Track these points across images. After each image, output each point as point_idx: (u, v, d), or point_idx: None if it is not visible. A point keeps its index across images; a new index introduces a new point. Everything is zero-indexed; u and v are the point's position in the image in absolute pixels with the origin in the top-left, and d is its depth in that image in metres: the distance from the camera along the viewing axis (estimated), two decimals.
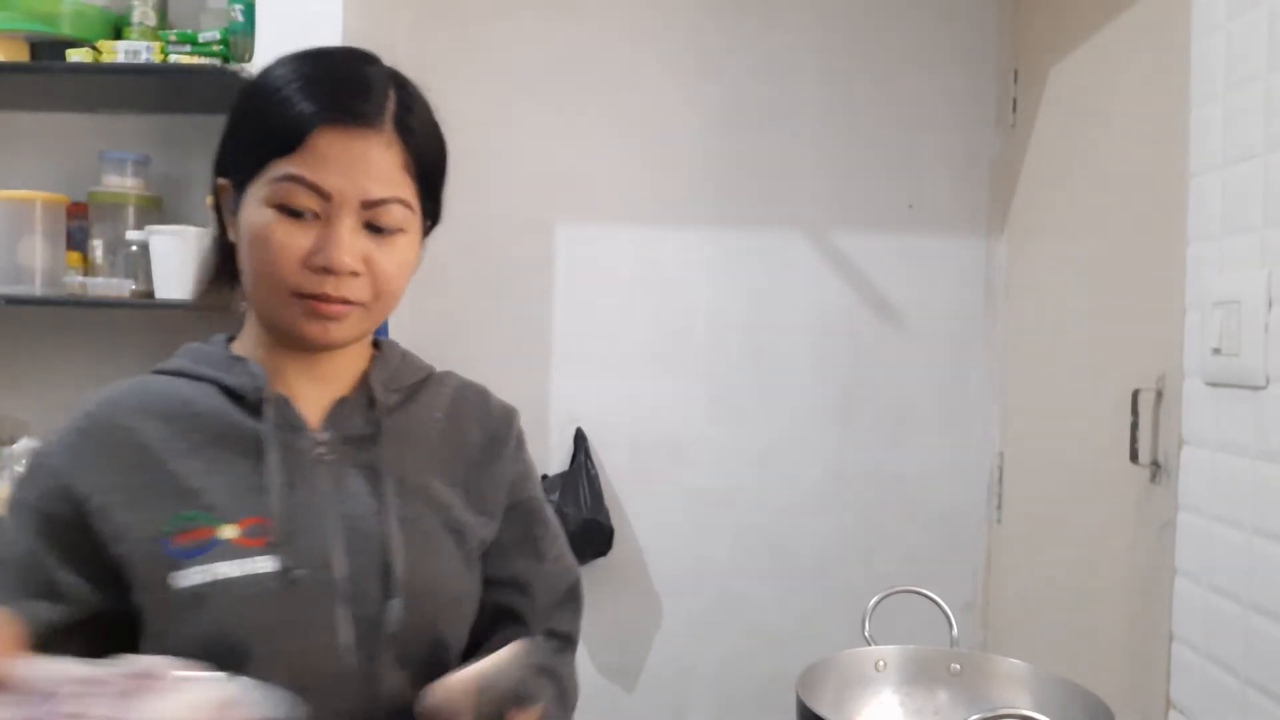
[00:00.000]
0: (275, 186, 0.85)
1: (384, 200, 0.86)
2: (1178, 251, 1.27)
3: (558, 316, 2.26)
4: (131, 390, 0.92)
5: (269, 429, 0.89)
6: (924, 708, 1.25)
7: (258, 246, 0.86)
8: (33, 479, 0.87)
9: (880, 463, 2.24)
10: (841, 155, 2.23)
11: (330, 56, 0.90)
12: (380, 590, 0.88)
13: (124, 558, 0.83)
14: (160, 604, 0.83)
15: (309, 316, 0.86)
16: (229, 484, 0.87)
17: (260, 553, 0.84)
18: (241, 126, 0.90)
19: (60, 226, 2.01)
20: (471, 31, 2.24)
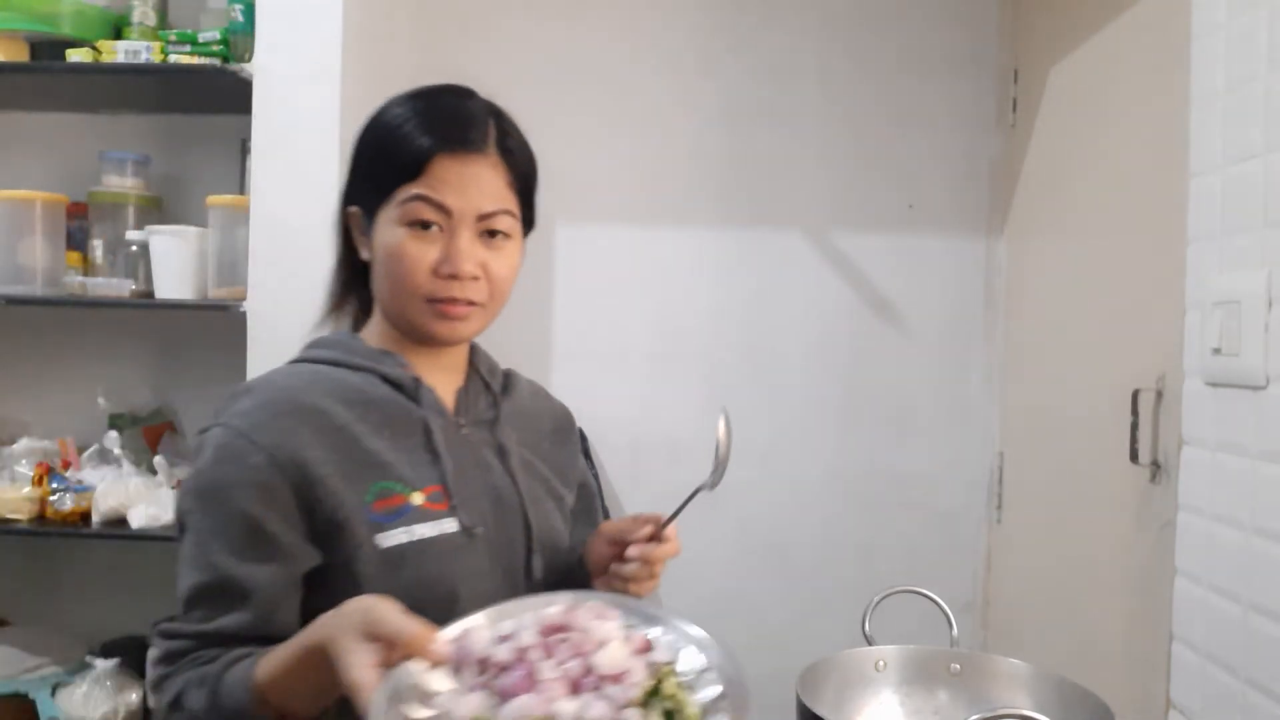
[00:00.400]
0: (405, 207, 1.00)
1: (494, 212, 1.03)
2: (1178, 251, 1.27)
3: (558, 316, 2.26)
4: (306, 376, 1.04)
5: (431, 413, 1.05)
6: (924, 708, 1.25)
7: (393, 260, 1.01)
8: (237, 456, 0.96)
9: (880, 462, 2.24)
10: (841, 155, 2.23)
11: (438, 95, 1.07)
12: (524, 545, 1.08)
13: (342, 522, 0.97)
14: (370, 560, 0.97)
15: (439, 318, 1.02)
16: (408, 459, 1.02)
17: (445, 515, 1.01)
18: (369, 161, 1.05)
19: (60, 226, 2.01)
20: (471, 31, 2.24)
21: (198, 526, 0.97)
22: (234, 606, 0.95)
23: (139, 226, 2.02)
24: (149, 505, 1.89)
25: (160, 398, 2.20)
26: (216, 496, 0.96)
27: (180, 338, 2.21)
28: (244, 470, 0.96)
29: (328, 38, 1.81)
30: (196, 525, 0.97)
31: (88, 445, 2.02)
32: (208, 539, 0.96)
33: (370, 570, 0.97)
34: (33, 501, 1.92)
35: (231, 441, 0.97)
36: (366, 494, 0.98)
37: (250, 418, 0.98)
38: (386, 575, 0.97)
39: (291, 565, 0.97)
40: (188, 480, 1.00)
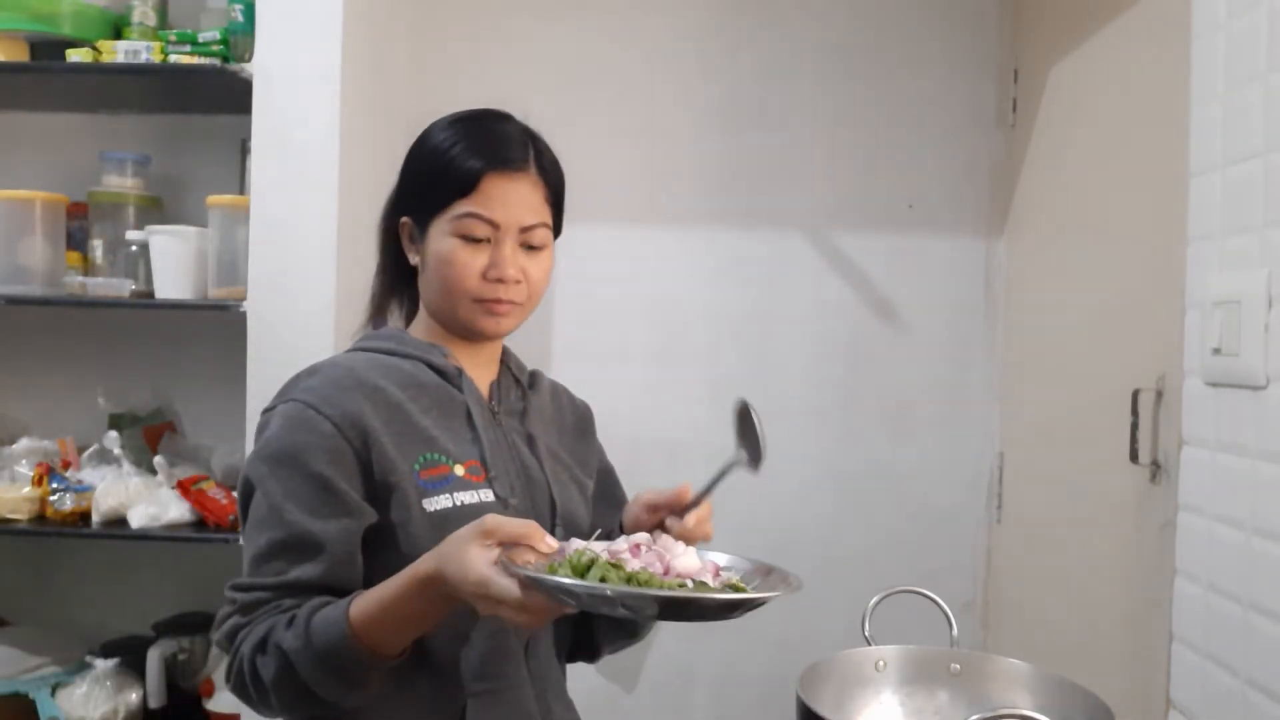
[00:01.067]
0: (459, 222, 1.13)
1: (534, 225, 1.16)
2: (1178, 251, 1.27)
3: (558, 316, 2.26)
4: (364, 361, 1.16)
5: (471, 398, 1.18)
6: (924, 708, 1.25)
7: (446, 265, 1.14)
8: (308, 424, 1.08)
9: (880, 462, 2.24)
10: (841, 155, 2.23)
11: (482, 119, 1.19)
12: (549, 519, 1.18)
13: (396, 485, 1.09)
14: (417, 522, 1.08)
15: (486, 315, 1.16)
16: (451, 436, 1.15)
17: (483, 486, 1.13)
18: (421, 178, 1.18)
19: (60, 226, 2.01)
20: (470, 33, 2.24)
21: (270, 489, 1.06)
22: (309, 558, 1.05)
23: (139, 226, 2.02)
24: (149, 505, 1.89)
25: (160, 398, 2.20)
26: (291, 460, 1.07)
27: (180, 338, 2.21)
28: (316, 436, 1.07)
29: (328, 38, 1.81)
30: (269, 488, 1.07)
31: (88, 445, 2.02)
32: (282, 499, 1.06)
33: (418, 530, 1.08)
34: (33, 501, 1.92)
35: (302, 413, 1.08)
36: (416, 462, 1.10)
37: (318, 393, 1.09)
38: (432, 535, 1.04)
39: (357, 521, 1.07)
40: (258, 449, 1.10)
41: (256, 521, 1.08)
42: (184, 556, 2.15)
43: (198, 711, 2.00)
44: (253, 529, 1.09)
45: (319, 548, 1.05)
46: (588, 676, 1.20)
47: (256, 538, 1.07)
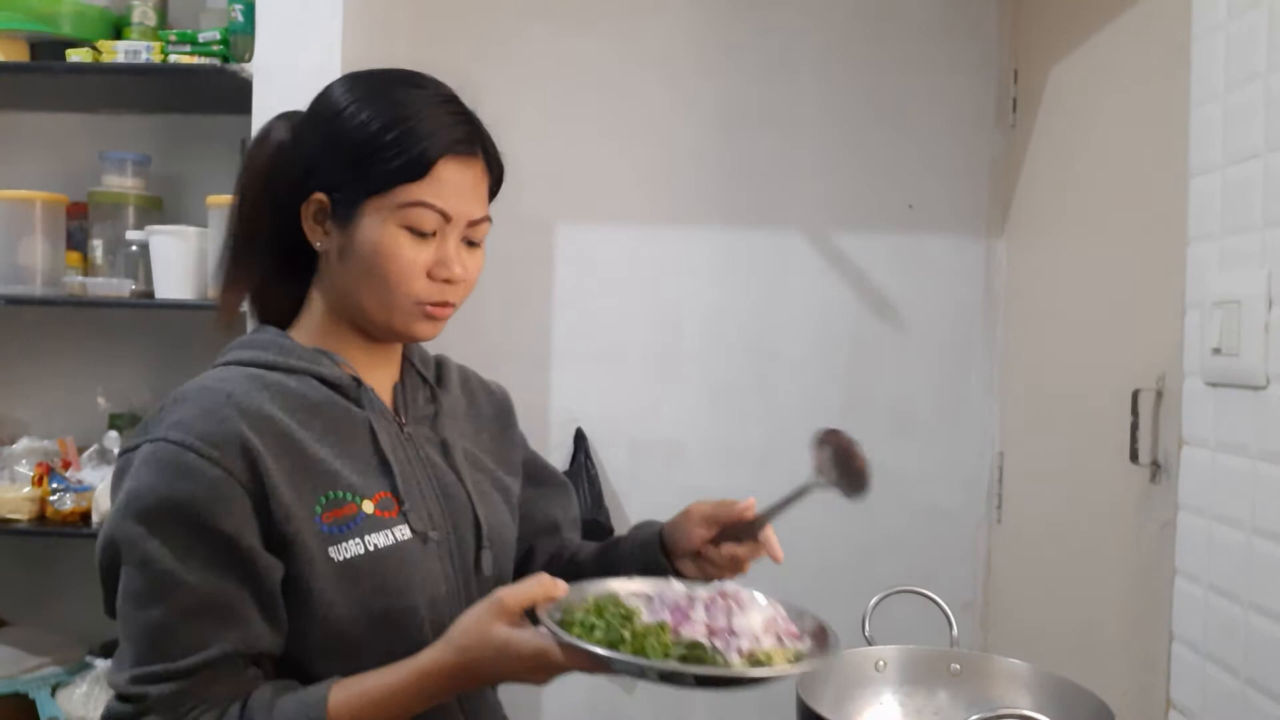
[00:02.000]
0: (407, 211, 0.97)
1: (482, 219, 1.02)
2: (1178, 251, 1.27)
3: (558, 316, 2.26)
4: (241, 381, 0.97)
5: (375, 415, 1.02)
6: (924, 708, 1.25)
7: (384, 259, 0.97)
8: (187, 470, 0.89)
9: (880, 463, 2.21)
10: (841, 155, 2.23)
11: (438, 91, 1.02)
12: (474, 543, 1.06)
13: (293, 535, 0.92)
14: (324, 575, 0.93)
15: (425, 319, 1.01)
16: (354, 465, 0.98)
17: (397, 523, 0.98)
18: (359, 149, 0.97)
19: (60, 226, 2.01)
20: (470, 33, 2.24)
21: (152, 553, 0.88)
22: (226, 626, 0.89)
23: (139, 226, 2.02)
24: None
25: (160, 398, 2.19)
26: (174, 516, 0.89)
27: (180, 338, 2.21)
28: (203, 485, 0.89)
29: (328, 38, 1.81)
30: (151, 552, 0.88)
31: (88, 445, 2.02)
32: (172, 562, 0.88)
33: (325, 584, 0.93)
34: (33, 501, 1.92)
35: (177, 456, 0.90)
36: (316, 504, 0.94)
37: (192, 428, 0.91)
38: (343, 588, 0.94)
39: (272, 579, 0.92)
40: (125, 504, 0.90)
41: (138, 593, 0.89)
42: None
43: None
44: (134, 602, 0.89)
45: (233, 611, 0.89)
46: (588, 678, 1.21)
47: (144, 613, 0.89)
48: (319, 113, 1.02)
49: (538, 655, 0.86)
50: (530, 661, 0.87)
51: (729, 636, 0.90)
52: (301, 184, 1.00)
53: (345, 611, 0.94)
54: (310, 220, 1.01)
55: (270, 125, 1.05)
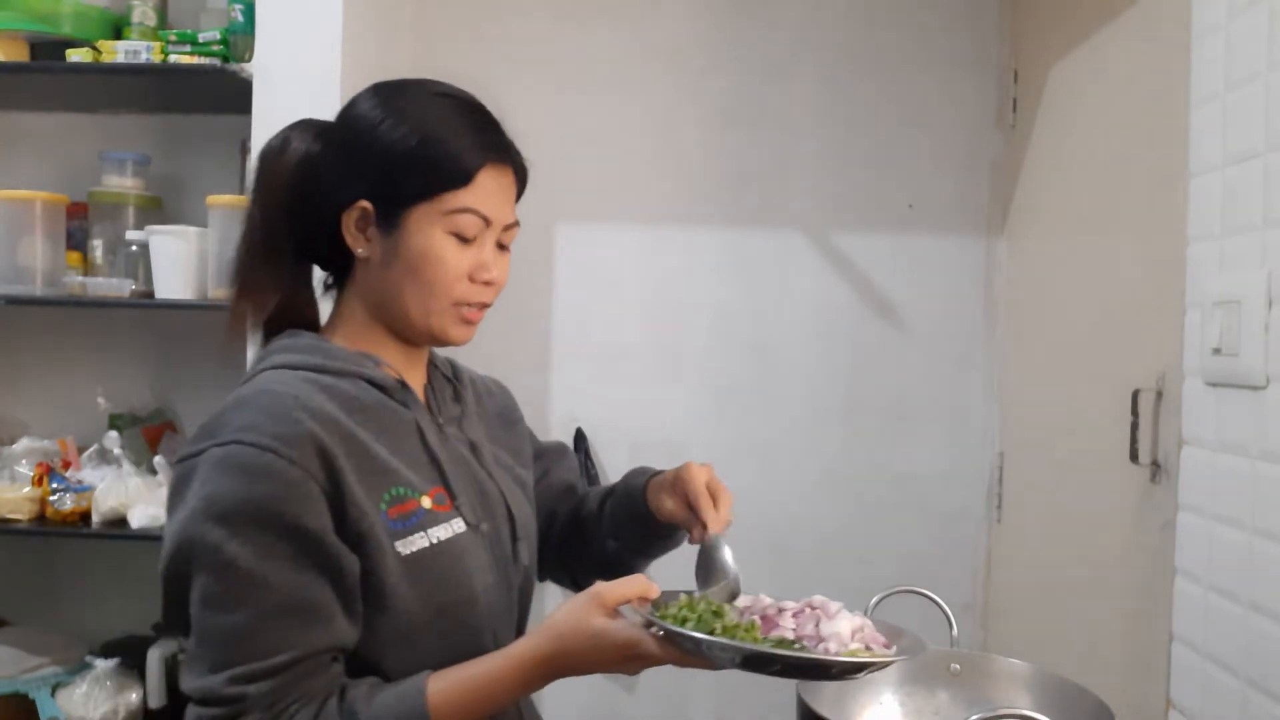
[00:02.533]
0: (453, 217, 1.01)
1: (514, 223, 1.08)
2: (1178, 251, 1.27)
3: (558, 316, 2.26)
4: (298, 383, 0.99)
5: (420, 415, 1.06)
6: (924, 708, 1.25)
7: (431, 263, 1.01)
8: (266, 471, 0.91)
9: (880, 462, 2.24)
10: (841, 155, 2.23)
11: (469, 101, 1.07)
12: (510, 535, 1.10)
13: (366, 532, 0.95)
14: (394, 569, 0.96)
15: (461, 322, 1.05)
16: (408, 463, 1.02)
17: (452, 516, 1.03)
18: (404, 159, 1.00)
19: (60, 226, 2.01)
20: (471, 33, 2.24)
21: (235, 554, 0.89)
22: (313, 624, 0.91)
23: (139, 226, 2.02)
24: (149, 505, 1.89)
25: (160, 398, 2.20)
26: (259, 518, 0.90)
27: (180, 338, 2.21)
28: (284, 485, 0.90)
29: (328, 38, 1.81)
30: (233, 554, 0.89)
31: (88, 445, 2.02)
32: (257, 563, 0.89)
33: (394, 579, 0.96)
34: (33, 501, 1.92)
35: (255, 457, 0.90)
36: (381, 501, 0.97)
37: (266, 430, 0.92)
38: (410, 581, 0.98)
39: (350, 575, 0.94)
40: (199, 507, 0.90)
41: (222, 596, 0.90)
42: None
43: None
44: (217, 606, 0.90)
45: (319, 609, 0.92)
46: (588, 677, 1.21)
47: (228, 615, 0.89)
48: (353, 124, 1.04)
49: (630, 644, 0.91)
50: (623, 651, 0.91)
51: (816, 641, 0.94)
52: (338, 192, 1.02)
53: (413, 604, 0.98)
54: (352, 227, 1.03)
55: (287, 135, 1.06)
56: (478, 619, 1.03)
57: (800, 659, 0.91)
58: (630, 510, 1.19)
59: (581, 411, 2.24)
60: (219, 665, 0.89)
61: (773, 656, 0.90)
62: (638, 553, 1.23)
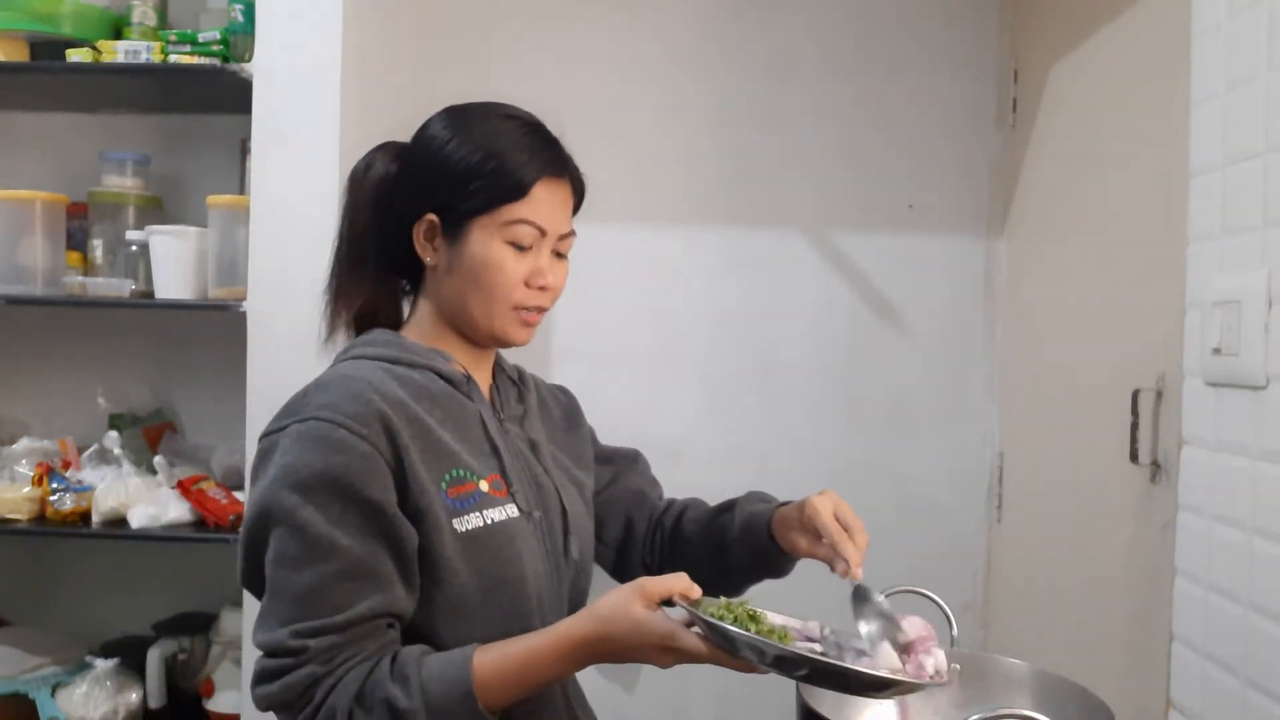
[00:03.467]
0: (510, 228, 1.10)
1: (570, 233, 1.17)
2: (1178, 251, 1.27)
3: (558, 316, 2.26)
4: (374, 371, 1.08)
5: (484, 408, 1.14)
6: (924, 708, 1.25)
7: (490, 271, 1.10)
8: (340, 445, 0.99)
9: (880, 463, 2.23)
10: (841, 155, 2.23)
11: (526, 118, 1.17)
12: (561, 529, 1.17)
13: (426, 508, 1.03)
14: (450, 544, 1.04)
15: (520, 325, 1.14)
16: (471, 449, 1.10)
17: (506, 502, 1.10)
18: (467, 175, 1.10)
19: (60, 226, 2.01)
20: (471, 33, 2.24)
21: (309, 519, 0.97)
22: (373, 589, 0.99)
23: (139, 226, 2.02)
24: (149, 505, 1.89)
25: (160, 398, 2.20)
26: (330, 485, 0.98)
27: (180, 338, 2.21)
28: (354, 458, 0.99)
29: (328, 38, 1.81)
30: (307, 518, 0.97)
31: (88, 445, 2.02)
32: (328, 528, 0.98)
33: (450, 553, 1.03)
34: (33, 501, 1.92)
35: (330, 432, 0.99)
36: (442, 481, 1.05)
37: (341, 409, 1.01)
38: (465, 557, 1.04)
39: (411, 545, 1.02)
40: (279, 475, 0.99)
41: (294, 557, 0.98)
42: (184, 556, 2.15)
43: (198, 711, 2.00)
44: (289, 566, 0.98)
45: (380, 576, 0.99)
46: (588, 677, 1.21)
47: (298, 575, 0.98)
48: (425, 145, 1.14)
49: (667, 636, 0.95)
50: (662, 641, 0.95)
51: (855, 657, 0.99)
52: (411, 207, 1.13)
53: (466, 580, 1.04)
54: (421, 238, 1.13)
55: (371, 158, 1.18)
56: (527, 602, 1.09)
57: (826, 664, 0.94)
58: (751, 543, 1.25)
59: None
60: (286, 620, 0.97)
61: (800, 659, 0.93)
62: (746, 580, 1.29)
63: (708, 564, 1.28)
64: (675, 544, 1.32)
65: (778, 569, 1.27)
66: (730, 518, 1.28)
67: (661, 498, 1.40)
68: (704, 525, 1.30)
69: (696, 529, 1.31)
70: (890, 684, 0.96)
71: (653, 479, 1.42)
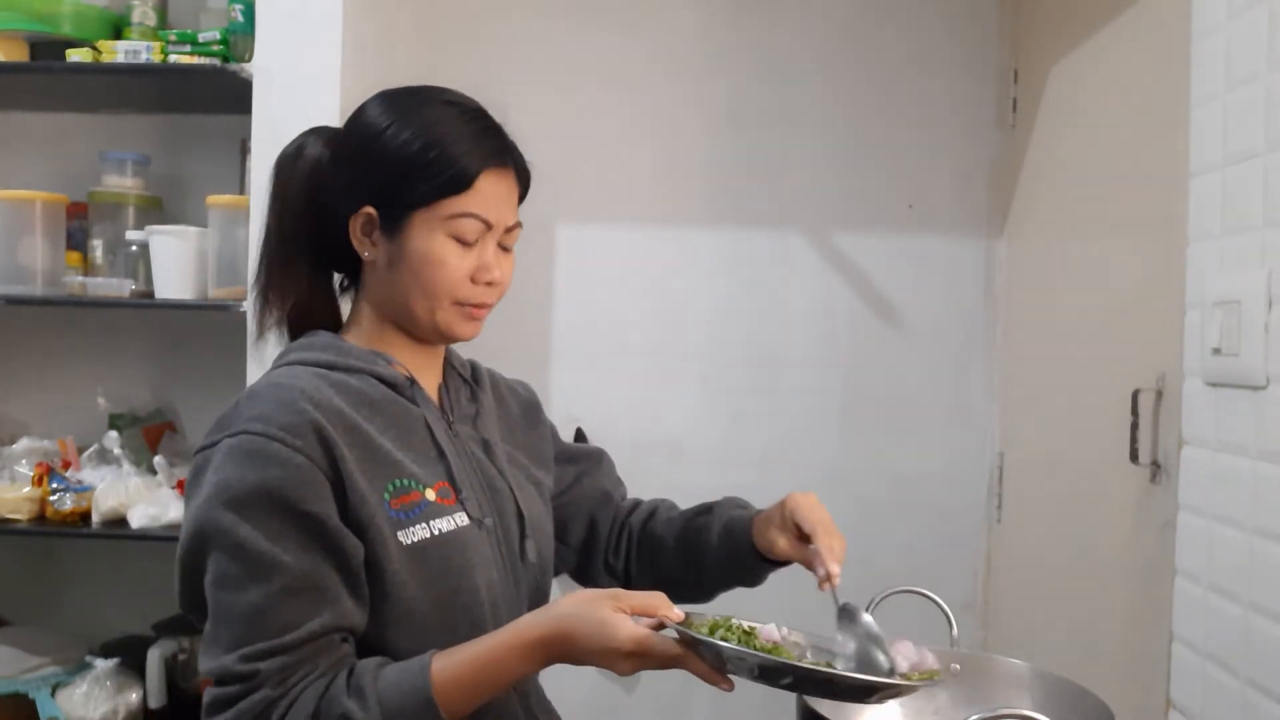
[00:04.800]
0: (454, 222, 1.04)
1: (516, 225, 1.10)
2: (1178, 251, 1.27)
3: (558, 316, 2.26)
4: (308, 379, 1.02)
5: (429, 412, 1.09)
6: (924, 708, 1.25)
7: (433, 267, 1.04)
8: (274, 458, 0.95)
9: (880, 463, 2.23)
10: (841, 155, 2.23)
11: (471, 107, 1.09)
12: (518, 533, 1.12)
13: (367, 520, 0.98)
14: (396, 557, 0.99)
15: (466, 319, 1.08)
16: (415, 457, 1.05)
17: (455, 510, 1.06)
18: (405, 166, 1.04)
19: (60, 226, 2.01)
20: (472, 32, 2.24)
21: (247, 537, 0.93)
22: (321, 604, 0.95)
23: (139, 226, 2.02)
24: (149, 505, 1.89)
25: (160, 398, 2.20)
26: (266, 501, 0.94)
27: (180, 338, 2.21)
28: (290, 470, 0.95)
29: (328, 38, 1.81)
30: (245, 536, 0.93)
31: (88, 445, 2.02)
32: (267, 545, 0.93)
33: (396, 566, 0.99)
34: (33, 501, 1.92)
35: (263, 446, 0.95)
36: (385, 491, 1.01)
37: (274, 420, 0.96)
38: (413, 570, 1.01)
39: (355, 558, 0.98)
40: (213, 494, 0.95)
41: (234, 578, 0.93)
42: None
43: (198, 712, 1.99)
44: (230, 587, 0.93)
45: (327, 591, 0.95)
46: (588, 676, 1.20)
47: (241, 595, 0.93)
48: (359, 131, 1.08)
49: (636, 640, 0.92)
50: (625, 645, 0.91)
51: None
52: (345, 198, 1.07)
53: (415, 591, 1.01)
54: (358, 232, 1.07)
55: (302, 141, 1.11)
56: (481, 611, 1.05)
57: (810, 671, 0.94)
58: (730, 548, 1.21)
59: (581, 411, 2.24)
60: (232, 644, 0.93)
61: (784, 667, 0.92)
62: (719, 586, 1.26)
63: (681, 566, 1.25)
64: (644, 546, 1.29)
65: (754, 576, 1.23)
66: (709, 520, 1.24)
67: (625, 498, 1.36)
68: (679, 527, 1.26)
69: (669, 531, 1.27)
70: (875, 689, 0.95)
71: (617, 479, 1.37)
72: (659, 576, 1.27)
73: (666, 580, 1.25)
